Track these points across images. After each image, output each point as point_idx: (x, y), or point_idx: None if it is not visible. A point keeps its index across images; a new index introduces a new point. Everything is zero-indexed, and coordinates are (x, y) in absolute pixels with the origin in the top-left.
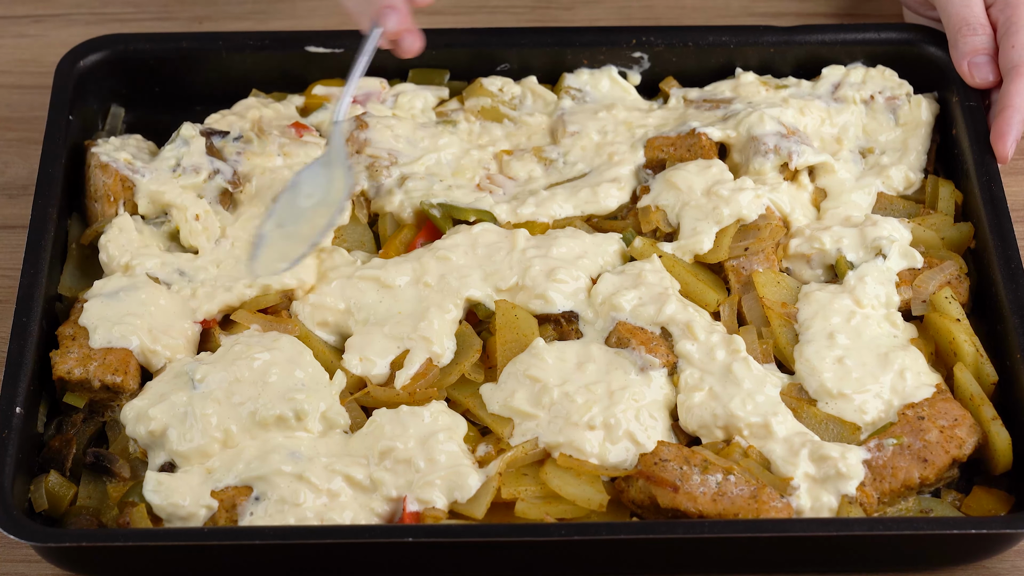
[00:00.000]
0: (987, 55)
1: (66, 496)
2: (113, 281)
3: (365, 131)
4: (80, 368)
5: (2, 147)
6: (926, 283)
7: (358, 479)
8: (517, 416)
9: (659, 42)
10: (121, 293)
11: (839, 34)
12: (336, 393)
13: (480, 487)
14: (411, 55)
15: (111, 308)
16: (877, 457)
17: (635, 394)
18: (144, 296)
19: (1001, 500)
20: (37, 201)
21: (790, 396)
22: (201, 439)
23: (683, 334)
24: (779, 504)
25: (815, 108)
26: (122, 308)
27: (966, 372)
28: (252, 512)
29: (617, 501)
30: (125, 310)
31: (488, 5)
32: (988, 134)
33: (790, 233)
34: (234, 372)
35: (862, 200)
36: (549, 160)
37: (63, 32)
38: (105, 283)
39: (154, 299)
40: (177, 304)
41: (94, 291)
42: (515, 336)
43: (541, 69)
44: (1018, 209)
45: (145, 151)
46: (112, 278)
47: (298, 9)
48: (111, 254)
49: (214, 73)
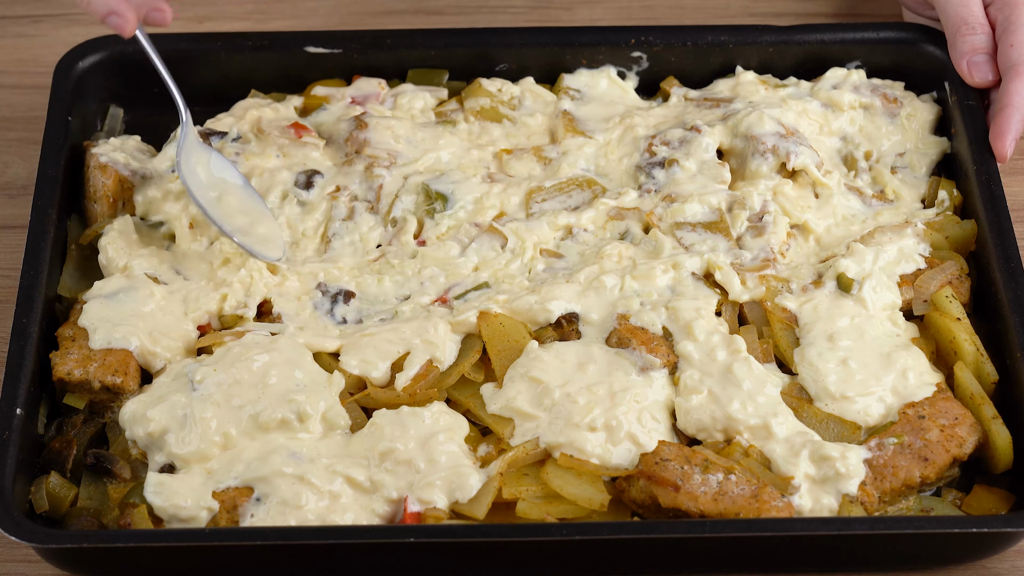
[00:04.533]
0: (986, 54)
1: (67, 497)
2: (112, 282)
3: (365, 131)
4: (80, 369)
5: (2, 147)
6: (927, 283)
7: (359, 480)
8: (518, 416)
9: (658, 42)
10: (120, 294)
11: (838, 34)
12: (336, 394)
13: (481, 487)
14: (167, 25)
15: (111, 309)
16: (878, 456)
17: (637, 395)
18: (143, 297)
19: (1002, 499)
20: (37, 201)
21: (791, 396)
22: (200, 442)
23: (683, 334)
24: (780, 503)
25: (814, 109)
26: (122, 309)
27: (967, 371)
28: (253, 513)
29: (618, 501)
30: (125, 311)
31: (488, 5)
32: (987, 133)
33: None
34: (233, 374)
35: (860, 204)
36: (548, 160)
37: (63, 32)
38: (104, 284)
39: (153, 300)
40: (176, 305)
41: (93, 292)
42: (507, 343)
43: (540, 69)
44: (1018, 209)
45: (145, 152)
46: (111, 279)
47: (298, 9)
48: (110, 256)
49: (213, 74)
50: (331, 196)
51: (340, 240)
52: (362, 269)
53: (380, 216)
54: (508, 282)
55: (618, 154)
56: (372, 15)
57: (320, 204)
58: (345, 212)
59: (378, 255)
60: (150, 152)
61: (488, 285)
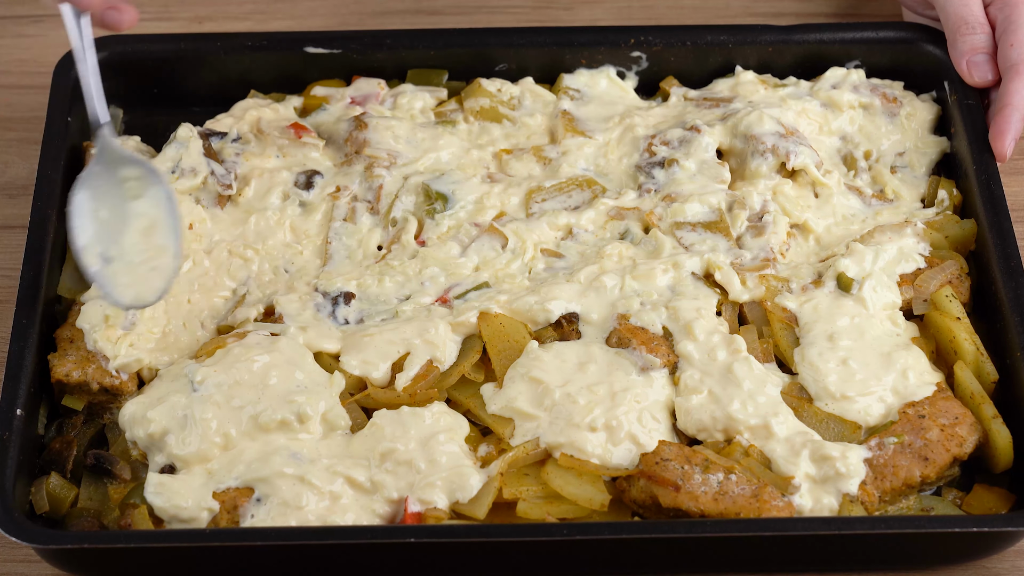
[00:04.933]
0: (986, 54)
1: (67, 498)
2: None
3: (364, 131)
4: (78, 371)
5: (2, 147)
6: (927, 282)
7: (359, 481)
8: (518, 416)
9: (658, 42)
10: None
11: (838, 33)
12: (337, 394)
13: (481, 487)
14: (123, 29)
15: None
16: (878, 456)
17: (637, 395)
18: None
19: (1002, 498)
20: (36, 202)
21: (791, 395)
22: (200, 443)
23: (684, 334)
24: (780, 503)
25: (813, 109)
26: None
27: (967, 370)
28: (253, 514)
29: (618, 501)
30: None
31: (488, 5)
32: (987, 133)
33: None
34: (234, 375)
35: (860, 204)
36: (548, 160)
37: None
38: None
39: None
40: (175, 306)
41: (91, 294)
42: (507, 344)
43: (540, 69)
44: (1018, 209)
45: (145, 152)
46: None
47: (298, 9)
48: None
49: (213, 74)
50: (331, 196)
51: (340, 241)
52: (362, 270)
53: (380, 216)
54: (508, 282)
55: (618, 154)
56: (372, 15)
57: (320, 204)
58: (346, 212)
59: (379, 256)
60: (150, 152)
61: (488, 285)
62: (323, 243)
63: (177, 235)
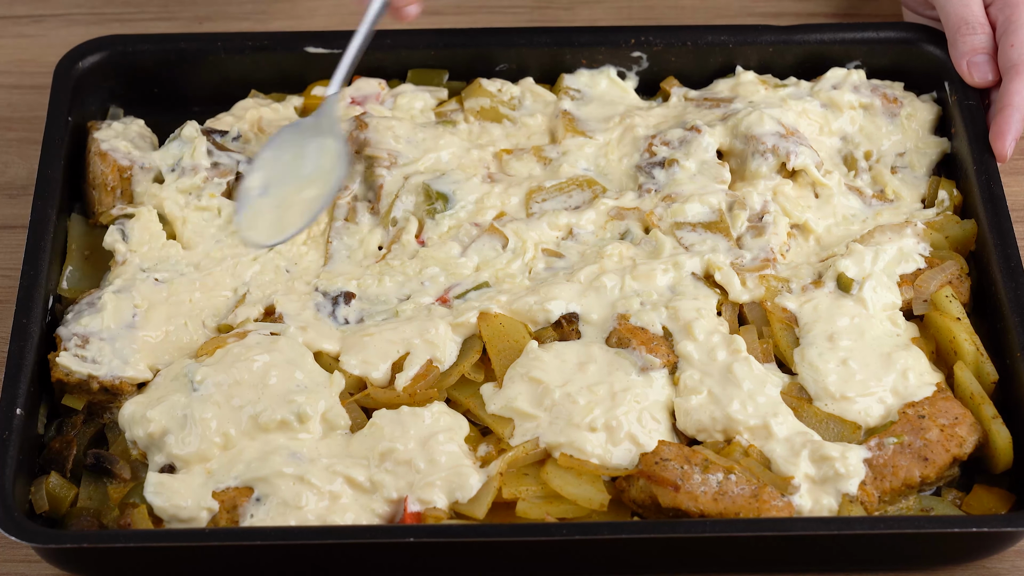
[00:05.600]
0: (986, 54)
1: (67, 497)
2: (111, 283)
3: (365, 131)
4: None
5: (2, 147)
6: (927, 283)
7: (359, 480)
8: (518, 416)
9: (658, 42)
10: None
11: (838, 33)
12: (336, 394)
13: (481, 487)
14: (410, 19)
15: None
16: (878, 456)
17: (637, 395)
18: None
19: (1002, 499)
20: (37, 202)
21: (791, 396)
22: (200, 443)
23: (683, 334)
24: (780, 503)
25: (814, 109)
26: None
27: (966, 371)
28: (253, 514)
29: (618, 501)
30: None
31: (488, 5)
32: (987, 133)
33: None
34: (233, 374)
35: (860, 204)
36: (549, 160)
37: (63, 32)
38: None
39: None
40: (175, 306)
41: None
42: (507, 343)
43: (540, 69)
44: (1018, 209)
45: (147, 139)
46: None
47: (298, 9)
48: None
49: (213, 74)
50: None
51: (340, 241)
52: (363, 270)
53: (380, 216)
54: (508, 282)
55: (618, 154)
56: None
57: None
58: (346, 212)
59: (379, 256)
60: (152, 140)
61: (488, 285)
62: (324, 243)
63: (323, 204)
